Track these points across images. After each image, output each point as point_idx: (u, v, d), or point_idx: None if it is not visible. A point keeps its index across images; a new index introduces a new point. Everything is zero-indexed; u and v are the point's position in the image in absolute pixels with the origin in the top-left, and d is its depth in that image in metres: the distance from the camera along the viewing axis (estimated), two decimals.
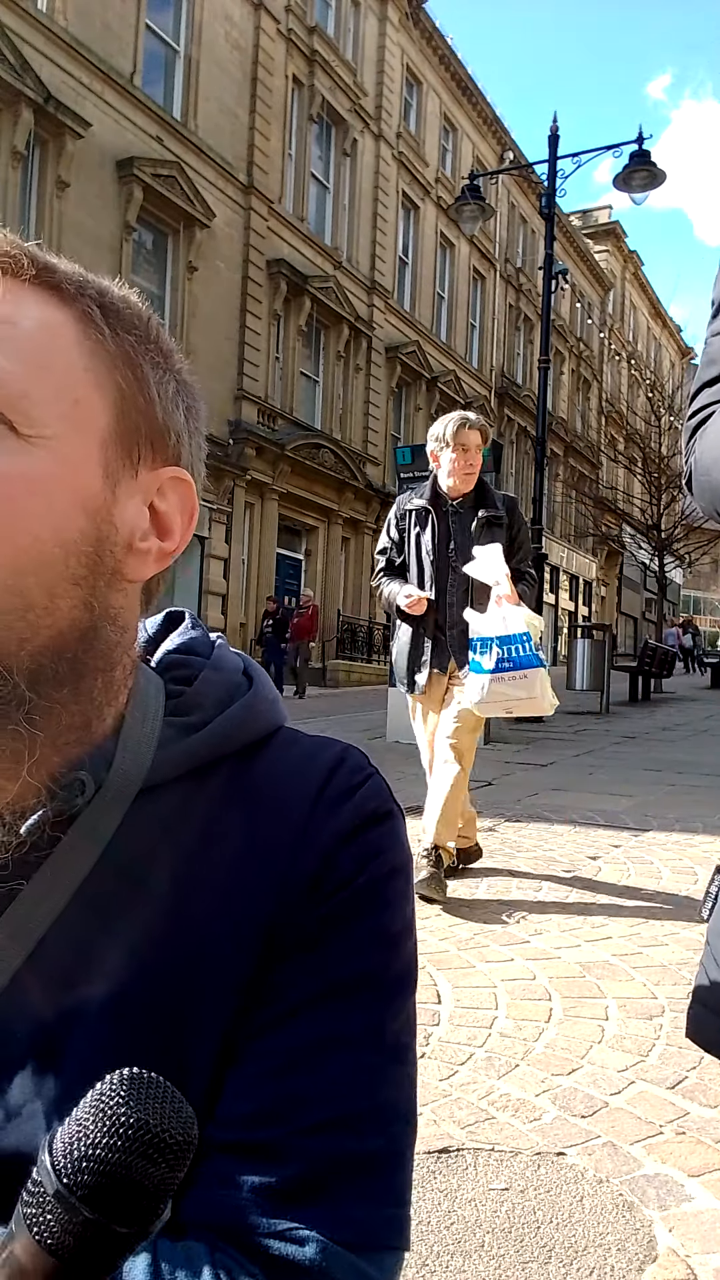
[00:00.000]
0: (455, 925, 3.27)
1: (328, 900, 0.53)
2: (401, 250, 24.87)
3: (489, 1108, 2.07)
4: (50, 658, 0.50)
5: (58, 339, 0.51)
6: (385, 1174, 0.52)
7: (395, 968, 0.56)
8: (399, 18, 23.58)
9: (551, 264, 12.13)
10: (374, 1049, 0.53)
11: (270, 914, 0.53)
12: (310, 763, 0.58)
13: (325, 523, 21.85)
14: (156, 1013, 0.51)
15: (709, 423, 0.89)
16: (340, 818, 0.55)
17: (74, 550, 0.50)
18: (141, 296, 0.58)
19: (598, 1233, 1.64)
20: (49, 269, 0.52)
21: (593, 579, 38.48)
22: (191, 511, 0.57)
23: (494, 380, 29.93)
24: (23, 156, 14.31)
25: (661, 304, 45.72)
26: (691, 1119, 2.04)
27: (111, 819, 0.53)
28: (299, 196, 20.76)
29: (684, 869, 4.16)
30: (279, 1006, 0.52)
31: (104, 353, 0.53)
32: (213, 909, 0.53)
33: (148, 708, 0.56)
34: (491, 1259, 1.56)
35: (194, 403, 0.59)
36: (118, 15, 15.84)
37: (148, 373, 0.55)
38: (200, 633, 0.64)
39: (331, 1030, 0.52)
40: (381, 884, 0.56)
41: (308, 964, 0.53)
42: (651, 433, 27.11)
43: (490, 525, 3.52)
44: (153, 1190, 0.33)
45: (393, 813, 0.58)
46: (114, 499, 0.53)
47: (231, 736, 0.57)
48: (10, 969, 0.50)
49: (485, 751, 8.24)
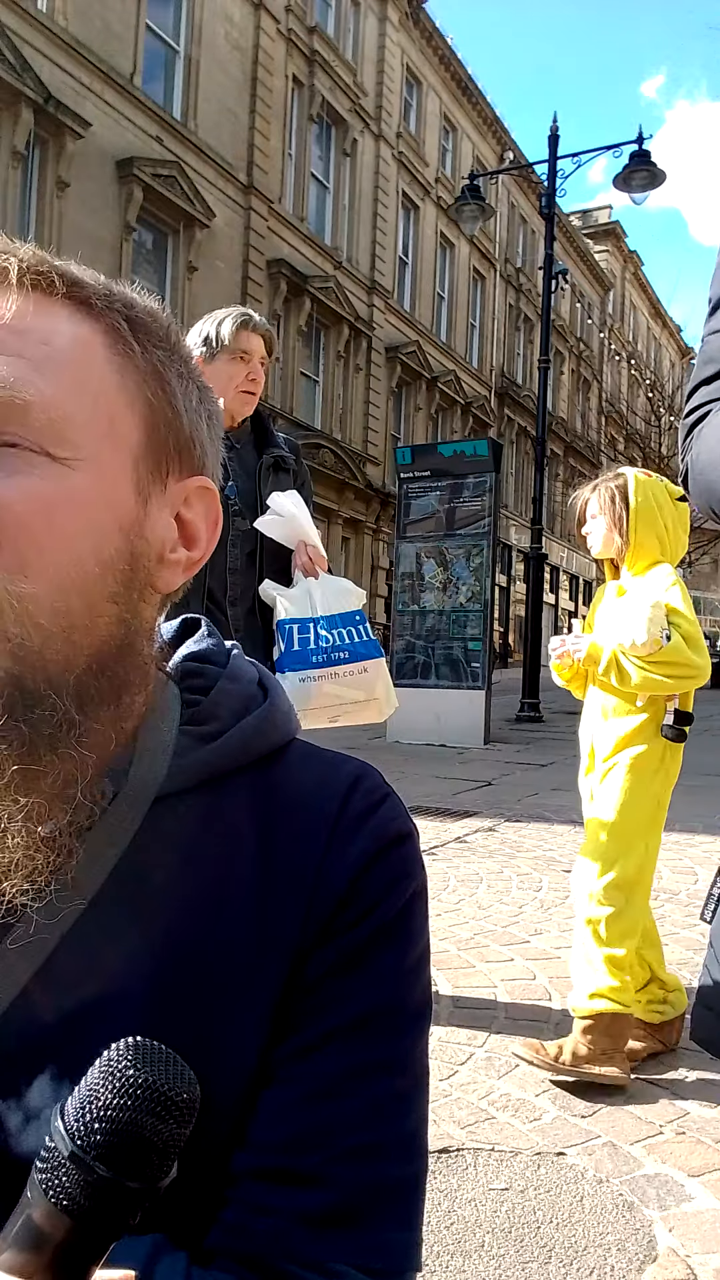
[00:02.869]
0: (455, 925, 3.27)
1: (356, 927, 0.54)
2: (401, 250, 24.87)
3: (489, 1108, 2.07)
4: (93, 677, 0.50)
5: (91, 357, 0.51)
6: (412, 1200, 0.53)
7: (418, 992, 0.56)
8: (399, 18, 23.58)
9: (551, 264, 12.13)
10: (403, 1074, 0.54)
11: (296, 937, 0.53)
12: (328, 780, 0.58)
13: (325, 523, 21.83)
14: (174, 1022, 0.51)
15: (705, 422, 0.89)
16: (362, 841, 0.55)
17: (111, 568, 0.51)
18: (144, 292, 0.58)
19: (598, 1233, 1.64)
20: (79, 284, 0.52)
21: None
22: (216, 519, 0.58)
23: (494, 380, 29.92)
24: (23, 156, 14.31)
25: (661, 304, 45.72)
26: (691, 1119, 2.04)
27: (128, 826, 0.53)
28: (299, 196, 20.76)
29: (684, 869, 4.16)
30: (310, 1033, 0.52)
31: (133, 369, 0.53)
32: (234, 924, 0.53)
33: (164, 716, 0.56)
34: (491, 1259, 1.56)
35: (214, 409, 0.60)
36: (118, 15, 15.83)
37: (174, 385, 0.55)
38: (215, 641, 0.64)
39: (365, 1058, 0.52)
40: (407, 909, 0.56)
41: (338, 990, 0.53)
42: (651, 433, 27.13)
43: (278, 470, 2.64)
44: (161, 1147, 0.35)
45: (411, 833, 0.58)
46: (145, 514, 0.53)
47: (247, 748, 0.57)
48: (25, 977, 0.50)
49: (485, 751, 8.24)
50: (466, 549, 8.91)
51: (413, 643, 9.08)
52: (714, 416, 0.87)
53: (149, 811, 0.53)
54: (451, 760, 7.60)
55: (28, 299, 0.51)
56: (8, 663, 0.47)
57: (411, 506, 9.26)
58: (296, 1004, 0.53)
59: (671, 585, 2.28)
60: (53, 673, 0.49)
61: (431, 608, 9.03)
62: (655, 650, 2.17)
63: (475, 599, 8.87)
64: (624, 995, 2.19)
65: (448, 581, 8.98)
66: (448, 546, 8.99)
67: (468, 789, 6.18)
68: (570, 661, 2.41)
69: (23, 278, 0.51)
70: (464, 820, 5.09)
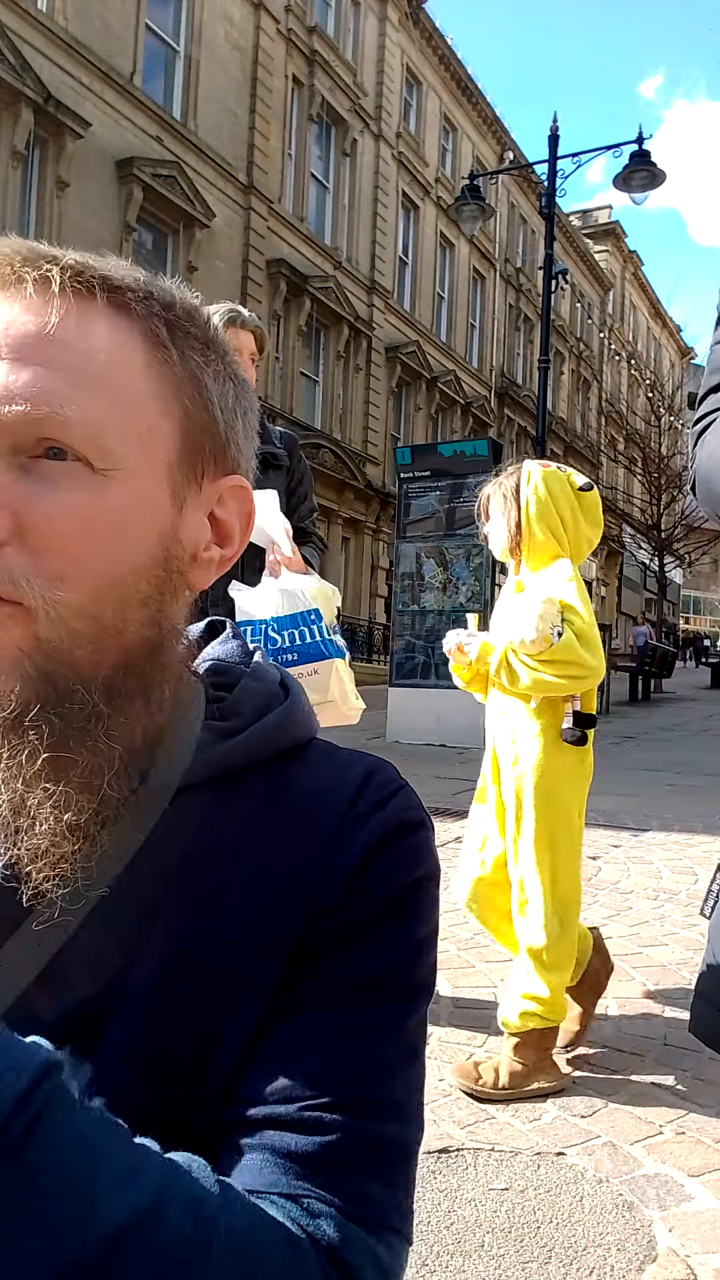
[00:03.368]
0: (455, 925, 3.27)
1: (360, 900, 0.55)
2: (401, 250, 24.86)
3: (489, 1108, 2.07)
4: (123, 675, 0.52)
5: (129, 366, 0.52)
6: (398, 1162, 0.53)
7: (418, 972, 0.57)
8: (399, 18, 23.57)
9: (551, 264, 12.12)
10: (394, 1043, 0.55)
11: (298, 930, 0.54)
12: (343, 776, 0.59)
13: (325, 523, 21.82)
14: (177, 1012, 0.52)
15: (710, 430, 0.90)
16: (373, 826, 0.56)
17: (146, 574, 0.52)
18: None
19: (598, 1233, 1.64)
20: (118, 289, 0.53)
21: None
22: (249, 515, 0.59)
23: (494, 380, 29.92)
24: (23, 156, 14.30)
25: (661, 304, 45.72)
26: (691, 1119, 2.04)
27: (150, 816, 0.54)
28: (299, 196, 20.75)
29: (684, 869, 4.16)
30: (305, 992, 0.53)
31: (170, 375, 0.54)
32: (244, 913, 0.54)
33: (189, 711, 0.58)
34: (491, 1259, 1.56)
35: (250, 403, 0.60)
36: (118, 15, 15.83)
37: (210, 388, 0.56)
38: (240, 644, 0.66)
39: (354, 1021, 0.53)
40: (413, 889, 0.57)
41: (338, 958, 0.54)
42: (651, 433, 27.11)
43: (265, 467, 2.54)
44: None
45: (424, 823, 0.59)
46: (180, 518, 0.54)
47: (267, 743, 0.59)
48: (46, 957, 0.51)
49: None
50: (466, 549, 8.91)
51: (413, 643, 9.08)
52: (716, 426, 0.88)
53: (172, 801, 0.55)
54: (451, 760, 7.60)
55: (69, 308, 0.51)
56: (40, 660, 0.49)
57: (411, 506, 9.26)
58: (293, 975, 0.53)
59: (568, 580, 2.17)
60: (83, 670, 0.50)
61: (431, 608, 9.03)
62: (545, 648, 2.07)
63: (475, 599, 8.86)
64: (556, 1011, 2.15)
65: (448, 581, 8.97)
66: (448, 546, 8.99)
67: (468, 789, 6.17)
68: (467, 661, 2.31)
69: (64, 287, 0.51)
70: (464, 820, 5.08)
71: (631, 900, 3.67)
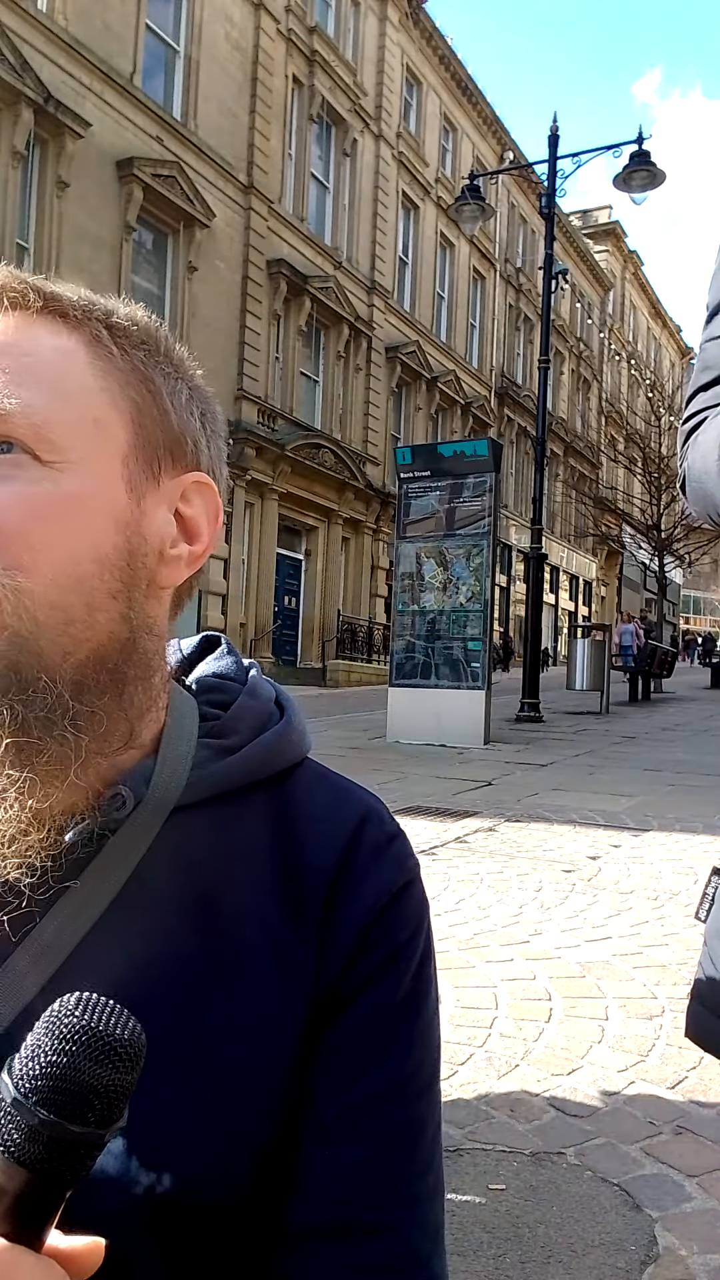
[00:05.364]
0: (455, 925, 3.27)
1: (384, 977, 0.55)
2: (401, 250, 24.86)
3: (489, 1108, 2.07)
4: (92, 668, 0.52)
5: (71, 364, 0.53)
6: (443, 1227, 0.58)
7: (436, 1034, 0.59)
8: (399, 18, 23.57)
9: (551, 264, 12.13)
10: (435, 1114, 0.58)
11: (311, 965, 0.54)
12: (339, 808, 0.59)
13: (325, 523, 21.84)
14: (180, 1034, 0.52)
15: (701, 429, 0.90)
16: (376, 881, 0.57)
17: (109, 565, 0.53)
18: (142, 296, 0.59)
19: (598, 1233, 1.64)
20: (55, 298, 0.54)
21: (593, 579, 38.48)
22: (216, 513, 0.59)
23: (494, 380, 29.92)
24: (23, 156, 14.30)
25: (661, 304, 45.73)
26: (691, 1119, 2.04)
27: (146, 834, 0.54)
28: (299, 196, 20.75)
29: (684, 869, 4.16)
30: (356, 1092, 0.54)
31: (115, 371, 0.55)
32: (245, 939, 0.54)
33: (184, 728, 0.58)
34: (491, 1259, 1.56)
35: (208, 406, 0.61)
36: (118, 15, 15.83)
37: (160, 384, 0.57)
38: (235, 659, 0.66)
39: (410, 1114, 0.56)
40: (425, 956, 0.58)
41: (377, 1049, 0.55)
42: (651, 433, 27.12)
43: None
44: (103, 1090, 0.36)
45: (418, 874, 0.60)
46: (141, 511, 0.55)
47: (266, 763, 0.59)
48: (39, 982, 0.51)
49: (485, 751, 8.24)
50: (466, 549, 8.91)
51: (413, 643, 9.07)
52: (710, 424, 0.88)
53: (167, 821, 0.55)
54: (451, 760, 7.60)
55: (6, 317, 0.53)
56: (4, 647, 0.49)
57: (411, 506, 9.25)
58: (335, 1057, 0.54)
59: None
60: (49, 662, 0.50)
61: (431, 608, 9.02)
62: None
63: (475, 599, 8.86)
64: None
65: (448, 581, 8.97)
66: (448, 546, 8.98)
67: (468, 789, 6.18)
68: None
69: (0, 298, 0.53)
70: (464, 820, 5.09)
71: (631, 900, 3.67)
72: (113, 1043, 0.36)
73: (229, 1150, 0.51)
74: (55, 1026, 0.36)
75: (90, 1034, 0.36)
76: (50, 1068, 0.35)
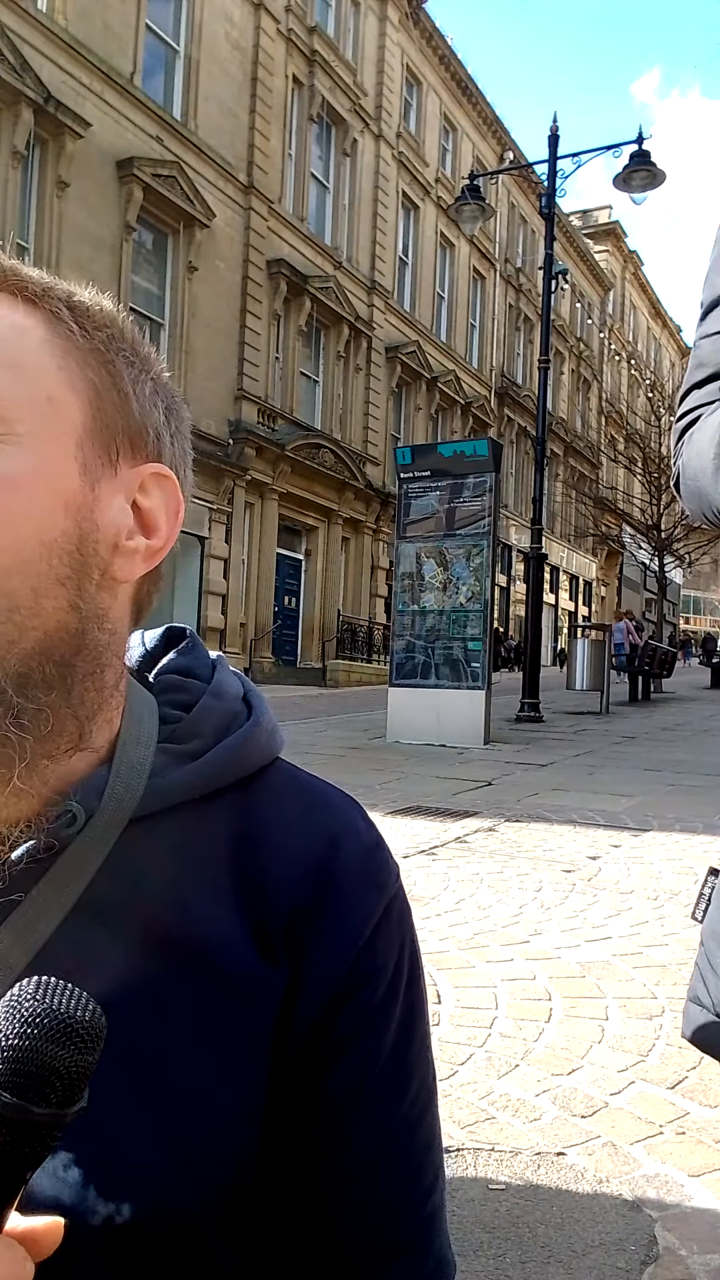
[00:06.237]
0: (455, 925, 3.27)
1: (358, 1002, 0.54)
2: (401, 250, 24.86)
3: (489, 1108, 2.07)
4: (38, 660, 0.49)
5: (26, 339, 0.51)
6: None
7: (428, 1033, 0.59)
8: (399, 18, 23.57)
9: (551, 264, 12.13)
10: (438, 1122, 0.58)
11: (282, 985, 0.52)
12: (312, 814, 0.57)
13: (325, 523, 21.84)
14: (140, 1053, 0.49)
15: (695, 427, 0.89)
16: (357, 910, 0.54)
17: (57, 550, 0.50)
18: (141, 296, 0.58)
19: (598, 1233, 1.64)
20: (14, 272, 0.52)
21: (593, 579, 38.47)
22: (176, 508, 0.56)
23: (494, 380, 29.92)
24: (23, 156, 14.30)
25: (661, 304, 45.72)
26: (691, 1119, 2.04)
27: (100, 849, 0.51)
28: (299, 196, 20.75)
29: (684, 869, 4.16)
30: (369, 1136, 0.54)
31: (75, 350, 0.52)
32: (208, 959, 0.51)
33: (141, 732, 0.55)
34: (491, 1259, 1.56)
35: (173, 402, 0.58)
36: (118, 15, 15.83)
37: (121, 369, 0.54)
38: (200, 653, 0.62)
39: (422, 1140, 0.56)
40: (414, 973, 0.58)
41: (384, 1084, 0.54)
42: (651, 433, 27.12)
43: None
44: (65, 1071, 0.36)
45: (399, 885, 0.58)
46: (95, 497, 0.52)
47: (229, 769, 0.55)
48: None
49: (485, 751, 8.24)
50: (466, 549, 8.91)
51: (413, 643, 9.07)
52: (704, 421, 0.87)
53: (124, 833, 0.51)
54: (451, 760, 7.60)
55: None
56: None
57: (411, 506, 9.25)
58: (337, 1105, 0.53)
59: None
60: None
61: (431, 608, 9.02)
62: None
63: (475, 599, 8.86)
64: None
65: (448, 581, 8.97)
66: (448, 546, 8.98)
67: (468, 789, 6.18)
68: None
69: None
70: (464, 820, 5.09)
71: (631, 900, 3.67)
72: (74, 1024, 0.36)
73: (190, 1177, 0.48)
74: (15, 1011, 0.36)
75: (51, 1016, 0.36)
76: (11, 1051, 0.35)
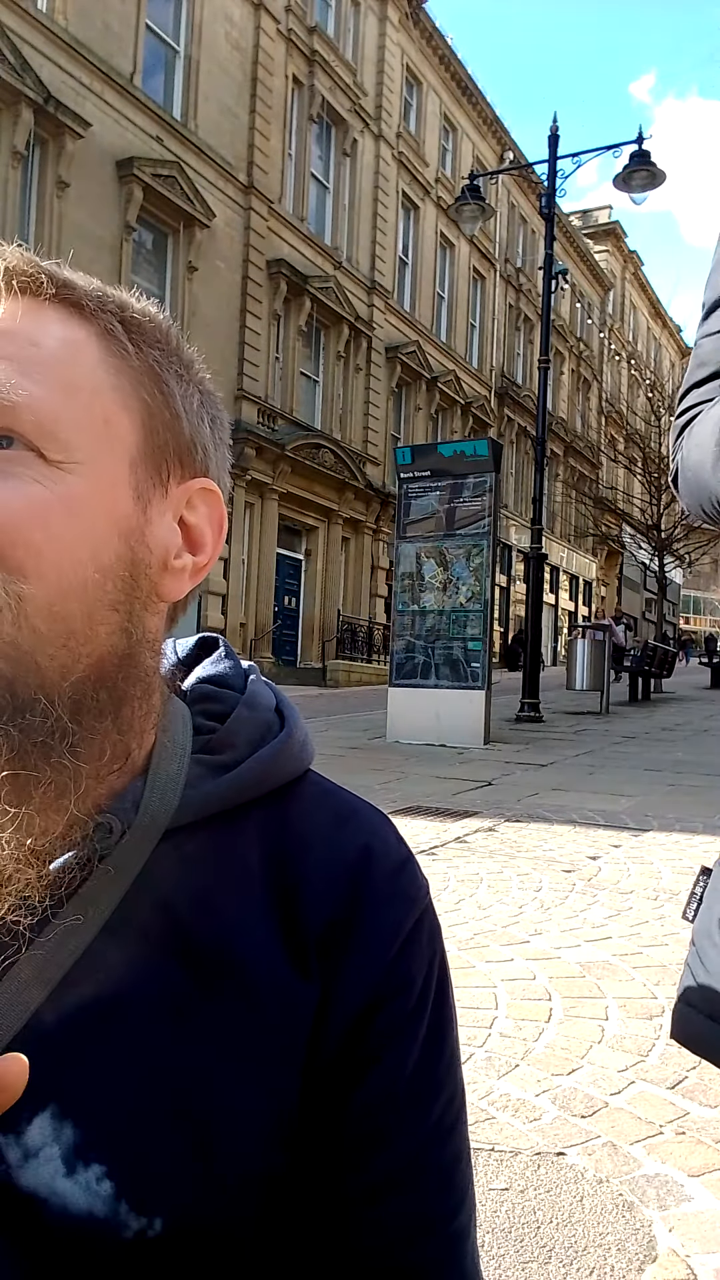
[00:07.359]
0: (455, 925, 3.27)
1: (388, 1014, 0.53)
2: (401, 250, 24.87)
3: (489, 1108, 2.07)
4: (91, 687, 0.49)
5: (82, 358, 0.50)
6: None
7: (458, 1045, 0.58)
8: (399, 18, 23.57)
9: (551, 264, 12.13)
10: (467, 1142, 0.57)
11: (315, 999, 0.52)
12: (344, 828, 0.57)
13: (325, 523, 21.84)
14: (174, 1066, 0.49)
15: (695, 423, 0.90)
16: (391, 914, 0.54)
17: (111, 575, 0.49)
18: (141, 297, 0.58)
19: (598, 1233, 1.64)
20: (68, 286, 0.51)
21: (593, 579, 38.48)
22: (220, 522, 0.56)
23: (494, 380, 29.92)
24: (23, 156, 14.31)
25: (661, 304, 45.73)
26: (691, 1119, 2.04)
27: (135, 861, 0.51)
28: (299, 196, 20.75)
29: (684, 869, 4.16)
30: (400, 1149, 0.53)
31: (128, 370, 0.52)
32: (242, 970, 0.51)
33: (176, 743, 0.55)
34: (491, 1259, 1.56)
35: (218, 413, 0.58)
36: (118, 15, 15.84)
37: (173, 387, 0.54)
38: (233, 663, 0.62)
39: (452, 1150, 0.55)
40: (442, 988, 0.57)
41: (413, 1098, 0.53)
42: (651, 433, 27.12)
43: None
44: None
45: (429, 899, 0.58)
46: (146, 520, 0.52)
47: (262, 781, 0.55)
48: (29, 1009, 0.48)
49: (485, 751, 8.24)
50: (466, 549, 8.91)
51: (413, 643, 9.07)
52: (704, 415, 0.87)
53: (158, 846, 0.51)
54: (451, 760, 7.60)
55: (16, 302, 0.50)
56: (1, 664, 0.46)
57: (411, 506, 9.25)
58: (367, 1119, 0.52)
59: None
60: (47, 679, 0.47)
61: (431, 608, 9.02)
62: None
63: (475, 599, 8.86)
64: None
65: (448, 581, 8.97)
66: (448, 546, 8.98)
67: (468, 789, 6.18)
68: None
69: (10, 281, 0.50)
70: (464, 820, 5.09)
71: (631, 900, 3.67)
72: None
73: (222, 1192, 0.48)
74: None
75: None
76: None
